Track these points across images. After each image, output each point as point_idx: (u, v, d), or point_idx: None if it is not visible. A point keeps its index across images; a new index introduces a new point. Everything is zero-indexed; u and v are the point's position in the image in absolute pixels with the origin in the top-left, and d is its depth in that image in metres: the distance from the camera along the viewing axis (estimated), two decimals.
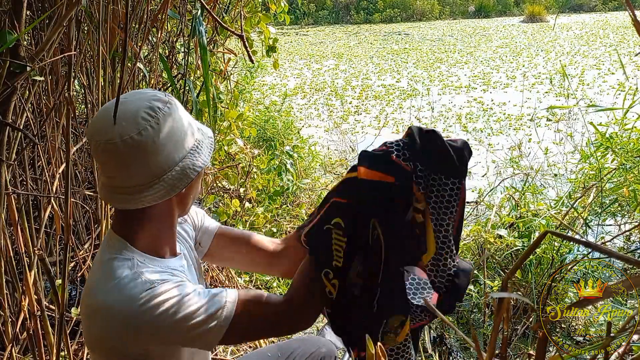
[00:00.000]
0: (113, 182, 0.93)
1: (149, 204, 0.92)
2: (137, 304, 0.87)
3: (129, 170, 0.91)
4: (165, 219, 0.99)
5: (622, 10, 16.99)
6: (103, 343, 0.93)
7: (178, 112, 0.95)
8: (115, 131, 0.88)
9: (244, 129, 2.85)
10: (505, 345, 0.71)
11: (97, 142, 0.91)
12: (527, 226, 2.37)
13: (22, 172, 1.85)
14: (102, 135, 0.90)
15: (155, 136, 0.90)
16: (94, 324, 0.94)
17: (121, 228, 0.97)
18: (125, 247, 0.95)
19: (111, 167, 0.92)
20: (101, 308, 0.91)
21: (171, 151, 0.92)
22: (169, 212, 0.99)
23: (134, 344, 0.90)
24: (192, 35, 1.76)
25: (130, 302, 0.88)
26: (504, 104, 6.54)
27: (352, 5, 18.58)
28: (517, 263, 0.63)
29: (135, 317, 0.88)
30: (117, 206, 0.96)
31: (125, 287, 0.89)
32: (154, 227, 0.98)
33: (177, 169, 0.92)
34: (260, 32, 2.55)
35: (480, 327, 2.31)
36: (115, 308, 0.89)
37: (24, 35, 1.63)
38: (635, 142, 2.64)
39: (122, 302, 0.88)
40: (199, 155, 0.96)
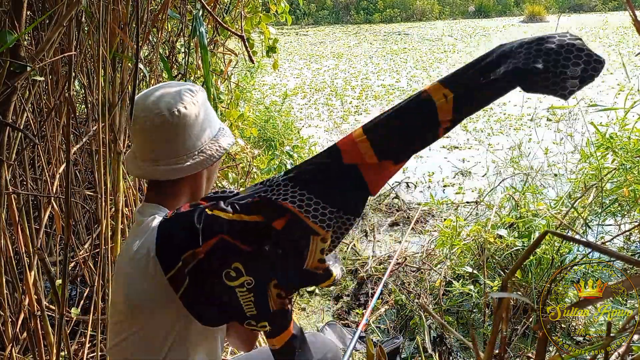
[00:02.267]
0: (157, 155, 1.03)
1: (189, 173, 1.03)
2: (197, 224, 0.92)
3: (176, 140, 1.02)
4: (195, 192, 1.09)
5: (622, 10, 16.98)
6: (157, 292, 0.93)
7: (206, 97, 1.10)
8: (163, 106, 1.00)
9: (245, 129, 2.85)
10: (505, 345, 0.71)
11: (145, 117, 1.01)
12: (527, 226, 2.37)
13: (22, 172, 1.85)
14: (151, 110, 1.01)
15: (197, 111, 1.03)
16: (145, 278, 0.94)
17: (157, 198, 1.06)
18: (164, 210, 1.03)
19: (158, 140, 1.02)
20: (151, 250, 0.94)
21: (207, 126, 1.06)
22: (199, 186, 1.09)
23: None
24: (193, 35, 1.76)
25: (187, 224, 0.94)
26: (504, 104, 6.54)
27: (352, 5, 18.58)
28: (517, 263, 0.63)
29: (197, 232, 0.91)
30: (161, 177, 1.04)
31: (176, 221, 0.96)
32: (184, 200, 1.07)
33: (212, 142, 1.06)
34: (261, 32, 2.55)
35: (480, 327, 2.31)
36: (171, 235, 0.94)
37: (24, 35, 1.63)
38: (636, 142, 2.64)
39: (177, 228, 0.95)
40: (226, 135, 1.11)
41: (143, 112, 1.02)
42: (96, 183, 1.62)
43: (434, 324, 2.31)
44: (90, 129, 1.99)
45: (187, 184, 1.07)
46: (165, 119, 1.00)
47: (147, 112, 1.01)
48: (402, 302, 2.50)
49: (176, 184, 1.05)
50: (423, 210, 3.56)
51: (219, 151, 1.07)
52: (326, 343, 1.51)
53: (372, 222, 3.47)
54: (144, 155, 1.05)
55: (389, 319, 2.46)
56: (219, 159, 1.07)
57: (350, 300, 2.63)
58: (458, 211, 3.57)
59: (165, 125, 1.01)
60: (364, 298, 2.63)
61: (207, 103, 1.08)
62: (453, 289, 2.35)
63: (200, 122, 1.04)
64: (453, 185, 4.17)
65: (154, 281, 0.93)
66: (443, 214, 3.57)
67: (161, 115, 1.00)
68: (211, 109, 1.10)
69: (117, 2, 1.62)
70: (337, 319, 2.48)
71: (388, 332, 2.39)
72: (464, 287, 2.28)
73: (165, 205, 1.05)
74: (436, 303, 2.44)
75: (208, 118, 1.07)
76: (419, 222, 3.42)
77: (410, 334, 2.35)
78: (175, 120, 1.01)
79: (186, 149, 1.03)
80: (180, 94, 1.03)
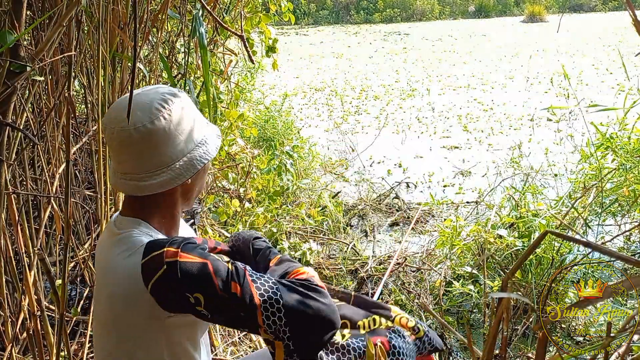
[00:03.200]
0: (124, 168, 0.98)
1: (155, 191, 0.97)
2: (160, 251, 0.92)
3: (140, 157, 0.96)
4: (169, 207, 1.04)
5: (622, 10, 16.97)
6: (130, 307, 0.94)
7: (188, 106, 1.01)
8: (130, 120, 0.92)
9: (245, 129, 2.85)
10: (505, 345, 0.71)
11: (111, 129, 0.96)
12: (527, 226, 2.37)
13: (22, 172, 1.85)
14: (117, 123, 0.95)
15: (166, 126, 0.95)
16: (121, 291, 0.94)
17: (132, 211, 1.02)
18: (139, 223, 1.00)
19: (123, 154, 0.97)
20: (126, 270, 0.93)
21: (180, 141, 0.98)
22: (173, 201, 1.03)
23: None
24: (193, 35, 1.75)
25: (153, 251, 0.93)
26: (504, 104, 6.54)
27: (352, 5, 18.57)
28: (517, 263, 0.63)
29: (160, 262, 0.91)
30: (126, 192, 1.01)
31: (147, 245, 0.94)
32: (159, 214, 1.03)
33: (184, 159, 0.98)
34: (261, 32, 2.55)
35: (480, 327, 2.31)
36: (138, 262, 0.92)
37: (24, 35, 1.63)
38: (636, 142, 2.64)
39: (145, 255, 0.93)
40: (206, 148, 1.01)
41: (111, 124, 0.96)
42: (96, 183, 1.63)
43: (434, 324, 2.31)
44: (90, 129, 1.98)
45: (162, 199, 1.01)
46: (130, 135, 0.94)
47: (114, 125, 0.95)
48: (402, 302, 2.50)
49: (148, 199, 0.99)
50: (423, 210, 3.56)
51: (190, 170, 0.98)
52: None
53: (372, 222, 3.47)
54: (114, 166, 1.01)
55: None
56: (190, 177, 0.99)
57: None
58: (458, 211, 3.57)
59: (130, 140, 0.94)
60: None
61: (185, 113, 0.99)
62: (453, 289, 2.35)
63: (170, 138, 0.96)
64: (453, 185, 4.17)
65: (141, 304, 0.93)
66: (443, 214, 3.57)
67: (126, 130, 0.94)
68: (192, 115, 1.01)
69: (117, 2, 1.62)
70: None
71: None
72: (464, 287, 2.28)
73: (143, 218, 1.01)
74: (436, 303, 2.43)
75: (183, 131, 0.98)
76: (419, 222, 3.42)
77: None
78: (140, 136, 0.94)
79: (153, 165, 0.96)
80: (150, 108, 0.95)
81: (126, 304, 0.95)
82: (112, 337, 1.00)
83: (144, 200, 1.00)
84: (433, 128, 5.77)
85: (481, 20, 17.42)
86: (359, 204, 3.70)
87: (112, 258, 0.98)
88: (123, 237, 0.98)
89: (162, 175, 0.96)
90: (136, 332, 0.97)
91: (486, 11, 18.27)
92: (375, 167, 4.70)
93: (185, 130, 0.98)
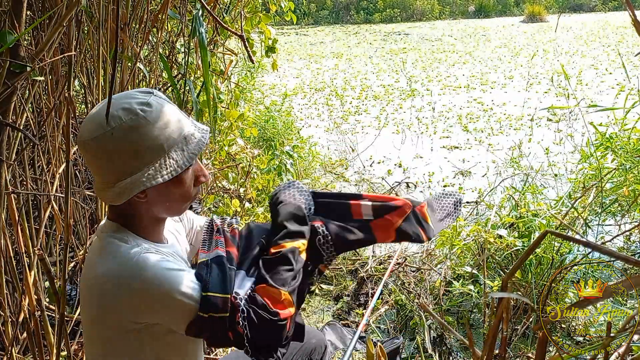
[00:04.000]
0: (94, 174, 1.02)
1: (115, 203, 0.98)
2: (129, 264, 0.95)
3: (97, 168, 0.98)
4: (146, 214, 1.04)
5: (622, 10, 16.97)
6: (104, 315, 0.98)
7: (146, 127, 0.94)
8: (87, 132, 0.95)
9: (245, 128, 2.85)
10: (505, 345, 0.71)
11: (79, 136, 0.98)
12: (527, 226, 2.36)
13: (22, 172, 1.85)
14: (81, 132, 0.97)
15: (111, 147, 0.94)
16: (94, 298, 0.99)
17: (112, 215, 1.05)
18: (119, 228, 1.03)
19: (87, 162, 1.02)
20: (99, 279, 0.97)
21: (124, 162, 0.95)
22: (147, 209, 1.03)
23: (130, 309, 0.95)
24: (193, 35, 1.76)
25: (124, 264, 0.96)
26: (504, 104, 6.54)
27: (352, 5, 18.58)
28: (517, 263, 0.63)
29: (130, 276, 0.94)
30: (98, 196, 1.04)
31: (121, 255, 0.97)
32: (137, 220, 1.04)
33: (127, 180, 0.95)
34: (261, 32, 2.55)
35: (480, 327, 2.31)
36: (112, 273, 0.96)
37: (24, 35, 1.63)
38: (635, 142, 2.64)
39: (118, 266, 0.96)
40: (154, 173, 0.96)
41: (79, 131, 0.97)
42: None
43: (434, 324, 2.31)
44: None
45: (136, 207, 1.01)
46: (86, 146, 0.95)
47: (80, 132, 0.97)
48: (402, 302, 2.50)
49: (124, 205, 0.99)
50: None
51: (134, 191, 0.95)
52: (309, 331, 1.55)
53: None
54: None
55: (389, 319, 2.46)
56: (132, 195, 0.96)
57: (350, 300, 2.63)
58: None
59: (86, 150, 0.96)
60: (364, 298, 2.63)
61: (140, 133, 0.94)
62: (453, 289, 2.35)
63: (112, 156, 0.94)
64: (453, 185, 4.16)
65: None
66: None
67: (84, 141, 0.95)
68: (147, 136, 0.94)
69: (117, 2, 1.62)
70: (337, 319, 2.48)
71: (388, 332, 2.39)
72: (464, 287, 2.28)
73: (122, 223, 1.03)
74: (436, 303, 2.43)
75: (127, 152, 0.94)
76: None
77: (410, 334, 2.35)
78: (94, 148, 0.94)
79: (104, 178, 0.97)
80: (102, 122, 0.93)
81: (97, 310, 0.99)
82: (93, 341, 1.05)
83: (119, 206, 1.01)
84: (433, 128, 5.77)
85: (481, 20, 17.42)
86: None
87: (87, 261, 1.04)
88: (100, 242, 1.02)
89: (111, 191, 0.96)
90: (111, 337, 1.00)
91: (486, 11, 18.28)
92: (375, 167, 4.70)
93: (130, 150, 0.94)
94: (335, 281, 2.78)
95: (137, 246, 0.99)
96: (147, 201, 1.00)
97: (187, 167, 1.01)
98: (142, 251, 0.97)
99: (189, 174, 1.03)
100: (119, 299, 0.95)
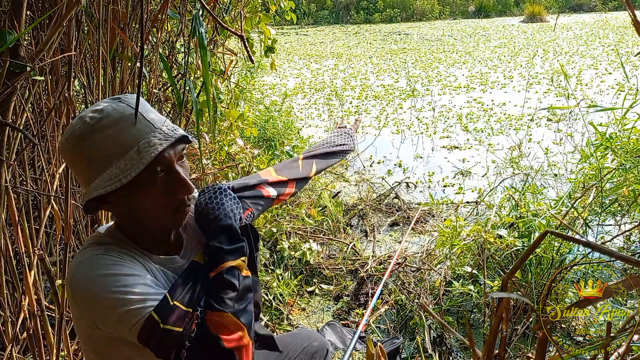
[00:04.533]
0: None
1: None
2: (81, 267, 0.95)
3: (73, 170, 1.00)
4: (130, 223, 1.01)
5: (622, 10, 16.99)
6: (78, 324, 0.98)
7: (93, 134, 0.92)
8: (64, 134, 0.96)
9: (245, 128, 2.85)
10: (505, 345, 0.71)
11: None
12: (527, 226, 2.37)
13: (22, 172, 1.84)
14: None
15: (67, 152, 0.96)
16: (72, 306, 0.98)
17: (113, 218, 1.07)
18: (109, 232, 1.02)
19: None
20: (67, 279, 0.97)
21: (79, 170, 0.96)
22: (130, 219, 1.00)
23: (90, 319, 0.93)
24: (193, 35, 1.75)
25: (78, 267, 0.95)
26: (504, 104, 6.54)
27: (352, 5, 18.58)
28: (517, 263, 0.63)
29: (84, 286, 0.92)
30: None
31: (81, 257, 0.97)
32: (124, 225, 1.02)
33: (88, 188, 0.96)
34: (261, 32, 2.55)
35: (480, 327, 2.31)
36: (70, 275, 0.96)
37: (24, 35, 1.63)
38: (635, 142, 2.64)
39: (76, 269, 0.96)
40: (101, 183, 0.93)
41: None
42: None
43: (434, 324, 2.31)
44: None
45: (117, 215, 1.02)
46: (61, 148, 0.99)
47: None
48: (402, 302, 2.50)
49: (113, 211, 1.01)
50: (423, 210, 3.56)
51: (86, 197, 0.95)
52: (311, 333, 1.54)
53: (372, 222, 3.47)
54: None
55: (389, 319, 2.46)
56: (86, 202, 0.96)
57: (350, 300, 2.63)
58: (458, 211, 3.57)
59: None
60: (364, 298, 2.63)
61: (93, 138, 0.92)
62: (453, 289, 2.35)
63: (72, 164, 0.97)
64: (453, 185, 4.17)
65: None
66: (443, 214, 3.57)
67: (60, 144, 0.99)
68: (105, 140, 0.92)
69: (117, 2, 1.62)
70: (337, 319, 2.48)
71: (388, 332, 2.39)
72: (464, 287, 2.28)
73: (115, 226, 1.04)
74: (436, 303, 2.43)
75: (88, 155, 0.93)
76: (419, 222, 3.42)
77: (410, 334, 2.35)
78: (62, 154, 0.99)
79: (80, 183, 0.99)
80: (69, 129, 0.95)
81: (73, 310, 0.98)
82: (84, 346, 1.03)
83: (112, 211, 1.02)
84: (433, 128, 5.77)
85: (481, 20, 17.42)
86: (359, 204, 3.70)
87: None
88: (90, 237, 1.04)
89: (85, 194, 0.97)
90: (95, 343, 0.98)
91: (486, 11, 18.28)
92: (375, 167, 4.70)
93: (82, 158, 0.94)
94: (335, 281, 2.79)
95: (104, 251, 0.96)
96: (119, 210, 0.98)
97: (149, 175, 0.93)
98: (97, 254, 0.95)
99: (160, 180, 0.95)
100: (75, 301, 0.94)
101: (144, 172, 0.92)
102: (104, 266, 0.92)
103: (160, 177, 0.95)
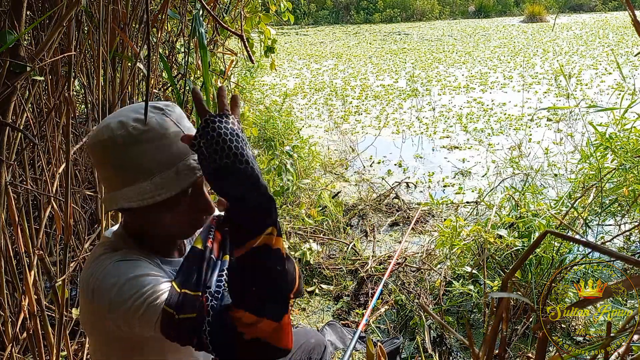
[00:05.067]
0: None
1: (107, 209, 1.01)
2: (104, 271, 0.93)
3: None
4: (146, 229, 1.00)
5: (622, 10, 16.99)
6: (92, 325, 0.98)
7: (134, 145, 0.90)
8: (91, 134, 0.95)
9: (245, 128, 2.85)
10: (504, 345, 0.71)
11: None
12: (527, 226, 2.37)
13: (22, 172, 1.84)
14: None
15: (99, 154, 0.93)
16: (82, 307, 0.99)
17: (122, 219, 1.05)
18: (120, 235, 1.01)
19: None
20: (82, 282, 0.96)
21: (109, 175, 0.94)
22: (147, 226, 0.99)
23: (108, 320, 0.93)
24: (193, 35, 1.76)
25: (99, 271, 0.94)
26: (504, 104, 6.54)
27: (352, 5, 18.58)
28: (517, 263, 0.63)
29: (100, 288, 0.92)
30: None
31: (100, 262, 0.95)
32: (138, 229, 1.01)
33: (111, 193, 0.94)
34: (260, 32, 2.55)
35: (480, 327, 2.31)
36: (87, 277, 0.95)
37: (24, 35, 1.63)
38: (635, 142, 2.64)
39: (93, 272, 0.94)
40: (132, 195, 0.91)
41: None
42: (96, 183, 1.62)
43: (434, 324, 2.31)
44: (90, 129, 1.98)
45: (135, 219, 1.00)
46: (87, 148, 0.98)
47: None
48: (402, 302, 2.50)
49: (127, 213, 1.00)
50: (423, 210, 3.56)
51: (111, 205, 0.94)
52: (309, 331, 1.54)
53: (372, 222, 3.47)
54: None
55: (389, 319, 2.46)
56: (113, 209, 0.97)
57: (350, 300, 2.63)
58: (458, 211, 3.57)
59: (88, 152, 0.98)
60: (364, 298, 2.63)
61: (133, 149, 0.90)
62: (453, 289, 2.35)
63: (104, 167, 0.94)
64: (453, 185, 4.17)
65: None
66: (443, 214, 3.57)
67: (87, 143, 0.97)
68: (144, 154, 0.90)
69: (117, 2, 1.62)
70: (337, 319, 2.48)
71: (388, 332, 2.39)
72: (464, 287, 2.28)
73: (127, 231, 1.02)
74: (436, 303, 2.43)
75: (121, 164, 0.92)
76: (419, 222, 3.42)
77: (410, 334, 2.35)
78: (91, 153, 0.96)
79: (101, 183, 0.99)
80: (102, 129, 0.92)
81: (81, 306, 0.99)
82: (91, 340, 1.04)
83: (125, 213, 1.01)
84: (433, 128, 5.77)
85: (481, 20, 17.43)
86: (359, 204, 3.70)
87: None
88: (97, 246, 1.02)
89: (105, 194, 0.97)
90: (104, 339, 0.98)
91: (486, 11, 18.29)
92: (375, 167, 4.70)
93: (116, 165, 0.92)
94: (335, 281, 2.79)
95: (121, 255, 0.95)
96: (136, 218, 0.98)
97: (178, 196, 0.93)
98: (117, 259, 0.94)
99: (186, 201, 0.95)
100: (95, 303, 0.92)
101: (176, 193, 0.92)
102: (129, 269, 0.91)
103: (188, 197, 0.95)
